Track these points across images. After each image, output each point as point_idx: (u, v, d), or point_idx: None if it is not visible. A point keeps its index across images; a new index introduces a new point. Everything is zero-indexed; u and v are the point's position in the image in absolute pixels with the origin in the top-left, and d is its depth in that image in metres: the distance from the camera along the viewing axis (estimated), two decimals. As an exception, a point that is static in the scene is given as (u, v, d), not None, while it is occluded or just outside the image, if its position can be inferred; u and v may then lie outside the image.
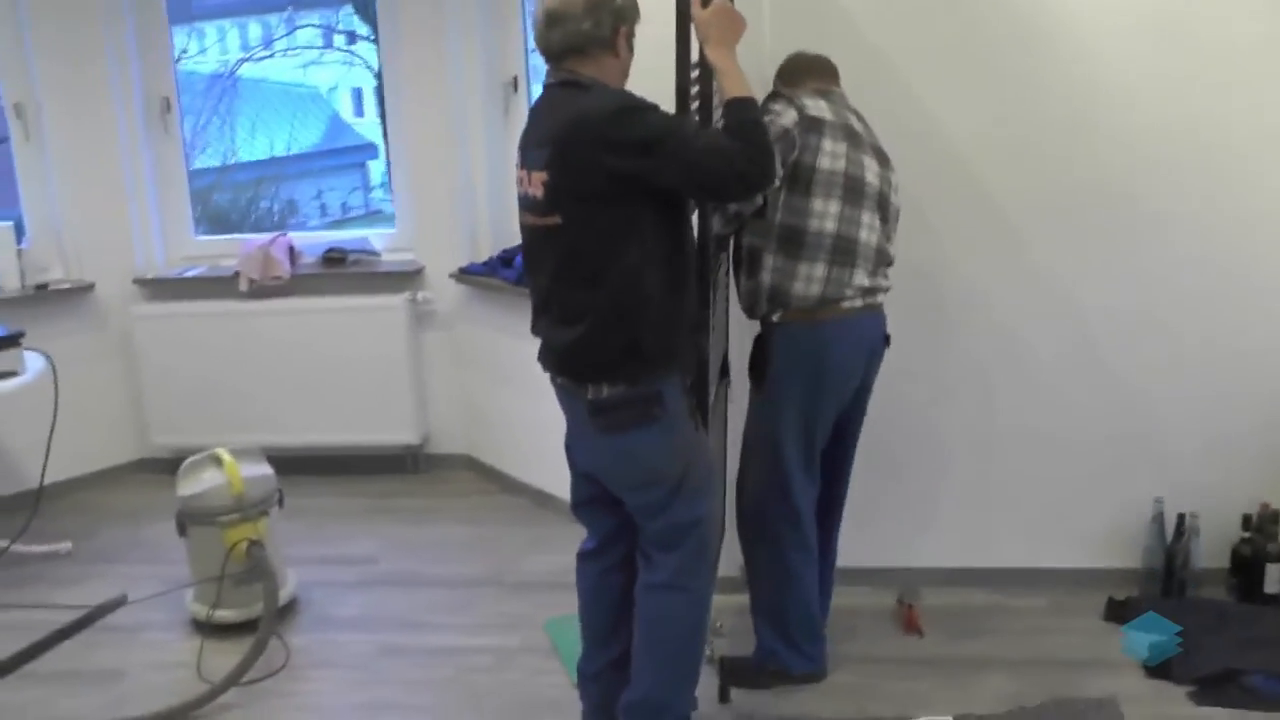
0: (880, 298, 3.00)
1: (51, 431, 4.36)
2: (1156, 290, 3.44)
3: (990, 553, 3.69)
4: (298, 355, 4.85)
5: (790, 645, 3.17)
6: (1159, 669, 3.16)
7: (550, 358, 2.62)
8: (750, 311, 3.02)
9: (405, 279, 4.83)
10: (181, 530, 3.70)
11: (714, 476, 2.71)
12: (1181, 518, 3.49)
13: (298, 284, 4.86)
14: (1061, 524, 3.64)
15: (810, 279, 2.87)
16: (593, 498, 2.78)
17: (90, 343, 4.94)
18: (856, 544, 3.65)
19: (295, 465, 4.98)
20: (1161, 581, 3.52)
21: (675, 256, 2.53)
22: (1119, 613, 3.46)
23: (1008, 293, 3.48)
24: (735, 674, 3.21)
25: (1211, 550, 3.51)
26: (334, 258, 4.87)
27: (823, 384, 2.96)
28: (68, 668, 3.59)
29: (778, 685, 3.19)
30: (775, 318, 2.94)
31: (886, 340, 3.09)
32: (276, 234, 4.97)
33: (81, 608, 3.86)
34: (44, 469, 4.42)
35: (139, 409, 5.07)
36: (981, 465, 3.63)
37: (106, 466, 5.03)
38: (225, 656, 3.43)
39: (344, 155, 6.76)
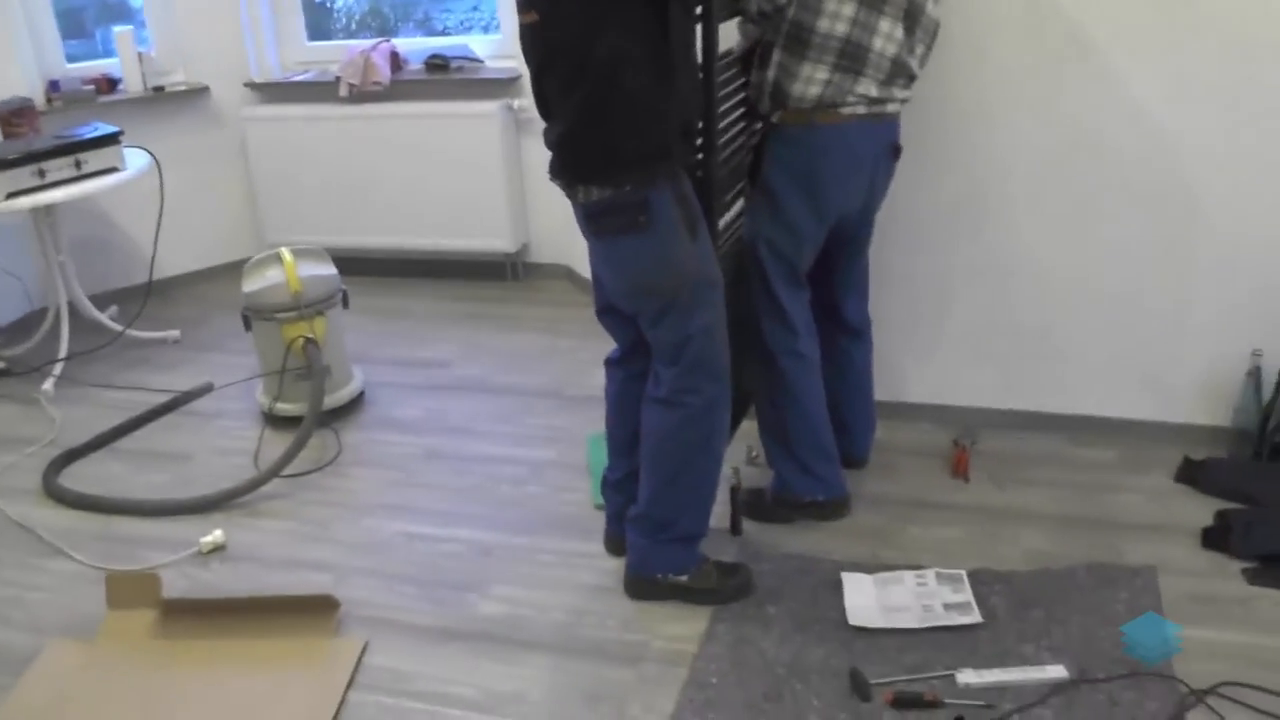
0: (892, 108, 2.72)
1: (158, 226, 4.57)
2: (1260, 115, 2.95)
3: (1061, 397, 3.37)
4: (399, 160, 4.87)
5: (799, 467, 3.01)
6: (1216, 539, 2.84)
7: (550, 161, 2.52)
8: (754, 108, 2.82)
9: (505, 86, 4.71)
10: (247, 325, 3.81)
11: (713, 290, 2.55)
12: (1282, 375, 3.08)
13: (398, 90, 4.83)
14: (1143, 371, 3.28)
15: (811, 80, 2.63)
16: (610, 305, 2.71)
17: (206, 144, 5.11)
18: (914, 378, 3.46)
19: (396, 268, 5.12)
20: (1254, 444, 3.14)
21: (660, 53, 2.35)
22: (1193, 474, 3.12)
23: (1096, 119, 3.05)
24: (749, 506, 3.09)
25: (1313, 414, 3.09)
26: (436, 64, 4.79)
27: (814, 190, 2.74)
28: (147, 447, 3.81)
29: (794, 519, 3.05)
30: (775, 117, 2.75)
31: (896, 152, 2.83)
32: (379, 40, 4.92)
33: (173, 392, 4.11)
34: (153, 260, 4.65)
35: (252, 208, 5.24)
36: (1055, 300, 3.28)
37: (222, 262, 5.23)
38: (281, 447, 3.55)
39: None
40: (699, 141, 2.58)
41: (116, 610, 2.89)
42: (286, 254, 3.78)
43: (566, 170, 2.47)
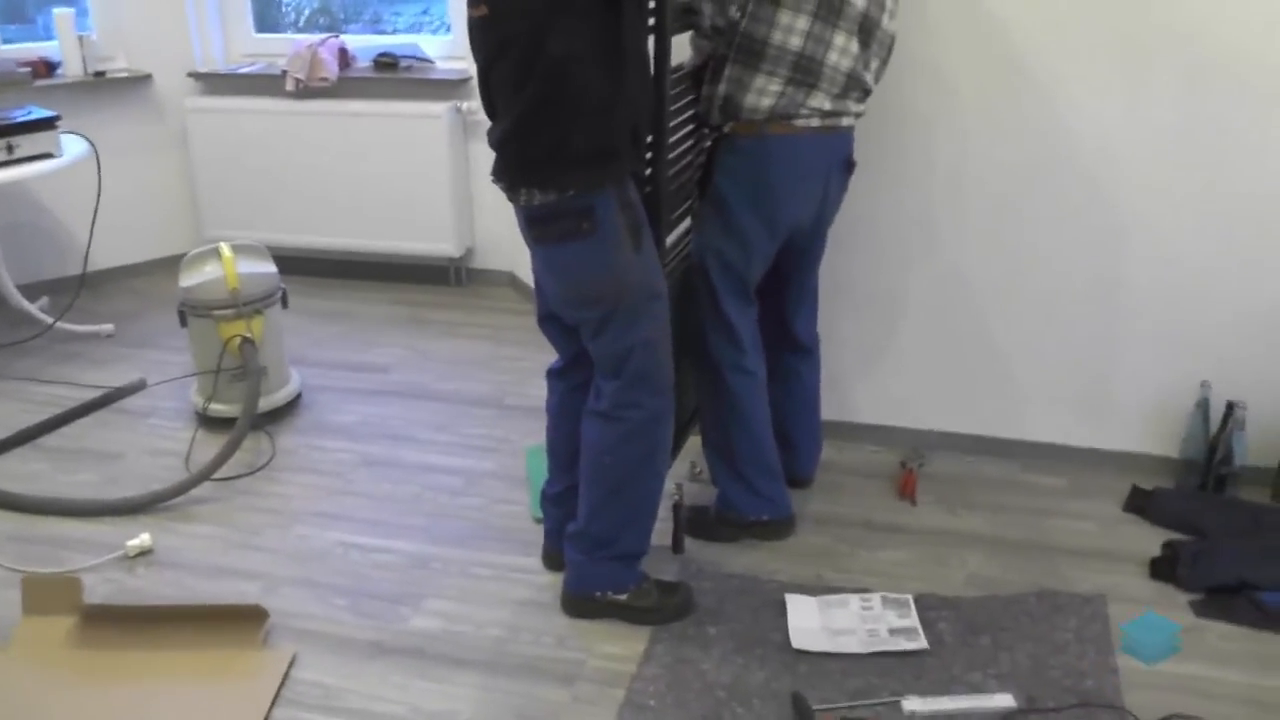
0: (846, 121, 2.68)
1: (95, 216, 4.43)
2: (1212, 148, 2.95)
3: (1012, 423, 3.35)
4: (344, 159, 4.78)
5: (744, 486, 2.96)
6: (1164, 569, 2.81)
7: (494, 162, 2.44)
8: (704, 120, 2.77)
9: (454, 87, 4.64)
10: (182, 321, 3.69)
11: (657, 302, 2.49)
12: (1230, 406, 3.06)
13: (346, 87, 4.75)
14: (1093, 400, 3.26)
15: (763, 92, 2.59)
16: (551, 313, 2.64)
17: (146, 133, 4.98)
18: (863, 397, 3.42)
19: (339, 269, 5.03)
20: (1200, 474, 3.13)
21: (611, 53, 2.28)
22: (1142, 503, 3.10)
23: (1049, 143, 3.03)
24: (692, 523, 3.02)
25: (1259, 447, 3.09)
26: (385, 62, 4.71)
27: (765, 201, 2.70)
28: (76, 445, 3.68)
29: (738, 538, 2.99)
30: (726, 128, 2.70)
31: (850, 166, 2.80)
32: (328, 35, 4.83)
33: (105, 388, 3.98)
34: (87, 251, 4.51)
35: (192, 201, 5.11)
36: (1008, 324, 3.25)
37: (159, 256, 5.08)
38: (214, 449, 3.43)
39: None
40: (648, 148, 2.52)
41: (32, 616, 2.76)
42: (226, 249, 3.66)
43: (509, 171, 2.39)
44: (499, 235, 4.80)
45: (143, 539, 3.05)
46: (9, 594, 2.83)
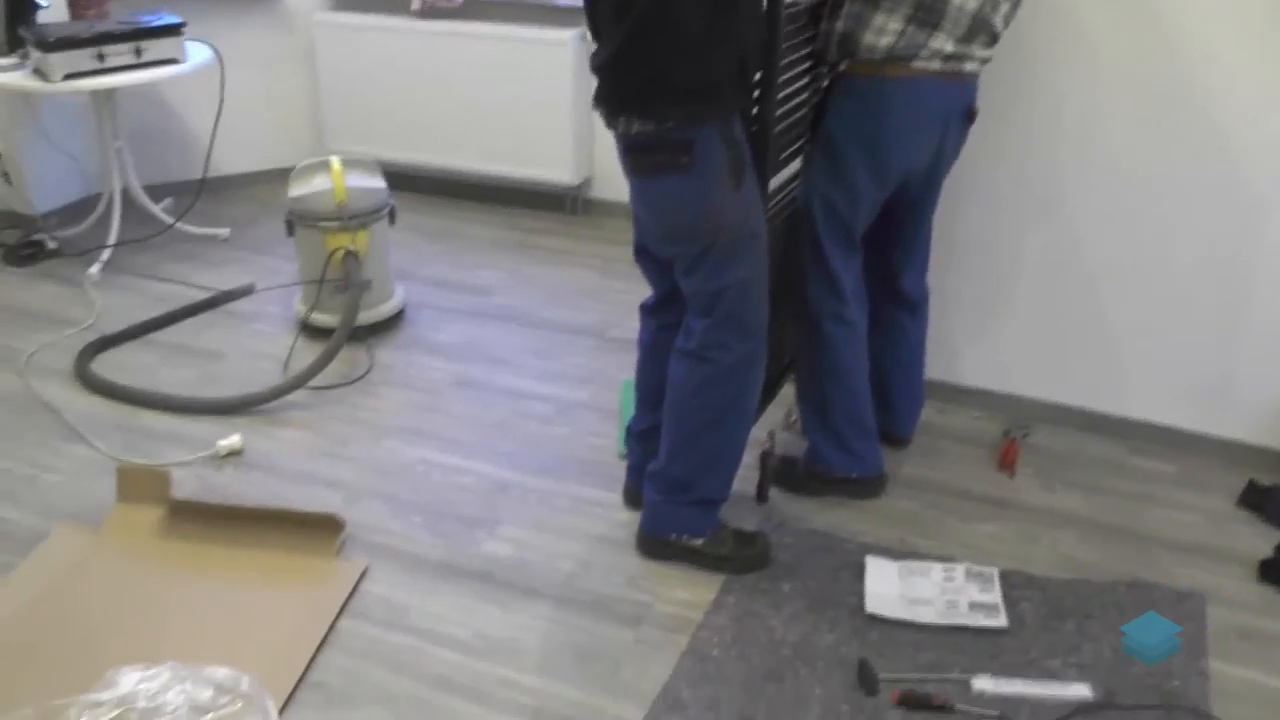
0: (970, 67, 2.53)
1: (216, 122, 4.49)
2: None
3: (1123, 400, 3.17)
4: (466, 81, 4.73)
5: (835, 440, 2.87)
6: (1274, 573, 2.64)
7: (596, 88, 2.39)
8: (821, 57, 2.64)
9: (580, 14, 4.49)
10: (289, 230, 3.71)
11: (754, 243, 2.40)
12: (1367, 404, 2.86)
13: (472, 9, 4.68)
14: (1215, 385, 3.06)
15: (882, 30, 2.45)
16: (645, 246, 2.60)
17: (274, 45, 5.00)
18: (970, 359, 3.29)
19: (454, 189, 5.02)
20: (1328, 474, 2.94)
21: None
22: (1258, 500, 2.90)
23: (1191, 111, 2.81)
24: (779, 474, 2.95)
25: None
26: (515, -18, 4.63)
27: (877, 147, 2.58)
28: (181, 341, 3.76)
29: (825, 494, 2.91)
30: (842, 66, 2.57)
31: (971, 115, 2.65)
32: (457, -44, 4.77)
33: (215, 290, 4.06)
34: (208, 156, 4.58)
35: (315, 114, 5.14)
36: (1128, 297, 3.06)
37: (280, 166, 5.09)
38: (312, 357, 3.46)
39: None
40: (757, 85, 2.42)
41: (124, 503, 2.84)
42: (335, 162, 3.67)
43: (609, 98, 2.33)
44: (619, 166, 4.70)
45: (233, 439, 3.10)
46: (108, 479, 2.90)
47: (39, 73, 3.95)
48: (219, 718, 2.07)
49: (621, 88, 2.29)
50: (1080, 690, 2.26)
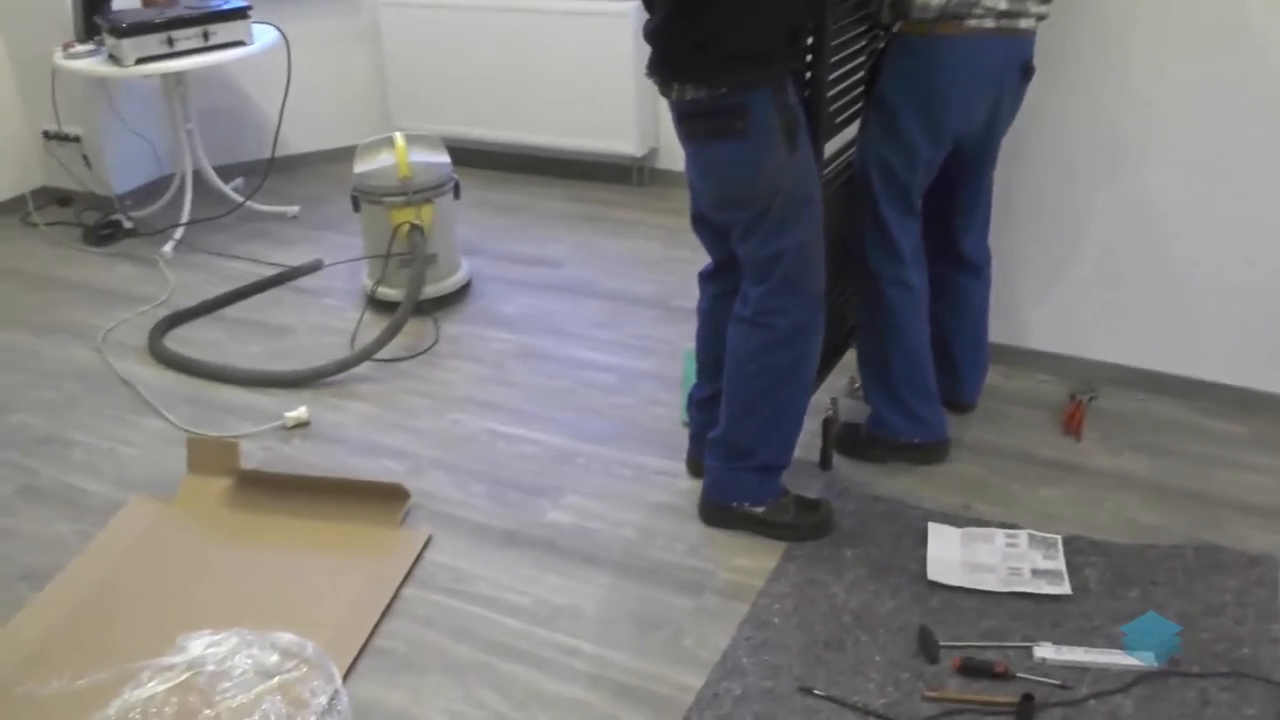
0: (1025, 23, 2.48)
1: (284, 102, 4.56)
2: None
3: (1193, 361, 3.09)
4: (530, 55, 4.74)
5: (896, 404, 2.84)
6: (1350, 534, 2.59)
7: (649, 56, 2.39)
8: (875, 20, 2.61)
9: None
10: (355, 206, 3.76)
11: (809, 207, 2.39)
12: None
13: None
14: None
15: None
16: (702, 214, 2.59)
17: (340, 25, 5.07)
18: (1035, 322, 3.24)
19: (519, 164, 5.05)
20: None
21: None
22: (1335, 461, 2.85)
23: (1257, 59, 2.72)
24: (842, 440, 2.93)
25: None
26: (574, -42, 4.62)
27: (932, 106, 2.54)
28: (250, 317, 3.84)
29: (888, 460, 2.89)
30: (895, 27, 2.54)
31: (1028, 72, 2.60)
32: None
33: (284, 266, 4.13)
34: (276, 135, 4.66)
35: (382, 92, 5.19)
36: (1196, 255, 2.98)
37: (347, 144, 5.14)
38: (379, 331, 3.50)
39: None
40: (809, 49, 2.40)
41: (195, 474, 2.91)
42: (399, 138, 3.71)
43: (662, 66, 2.32)
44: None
45: (301, 411, 3.16)
46: (180, 451, 2.98)
47: (113, 58, 4.06)
48: (284, 682, 2.14)
49: (673, 55, 2.29)
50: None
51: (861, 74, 2.66)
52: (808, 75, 2.43)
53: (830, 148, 2.62)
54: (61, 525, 2.80)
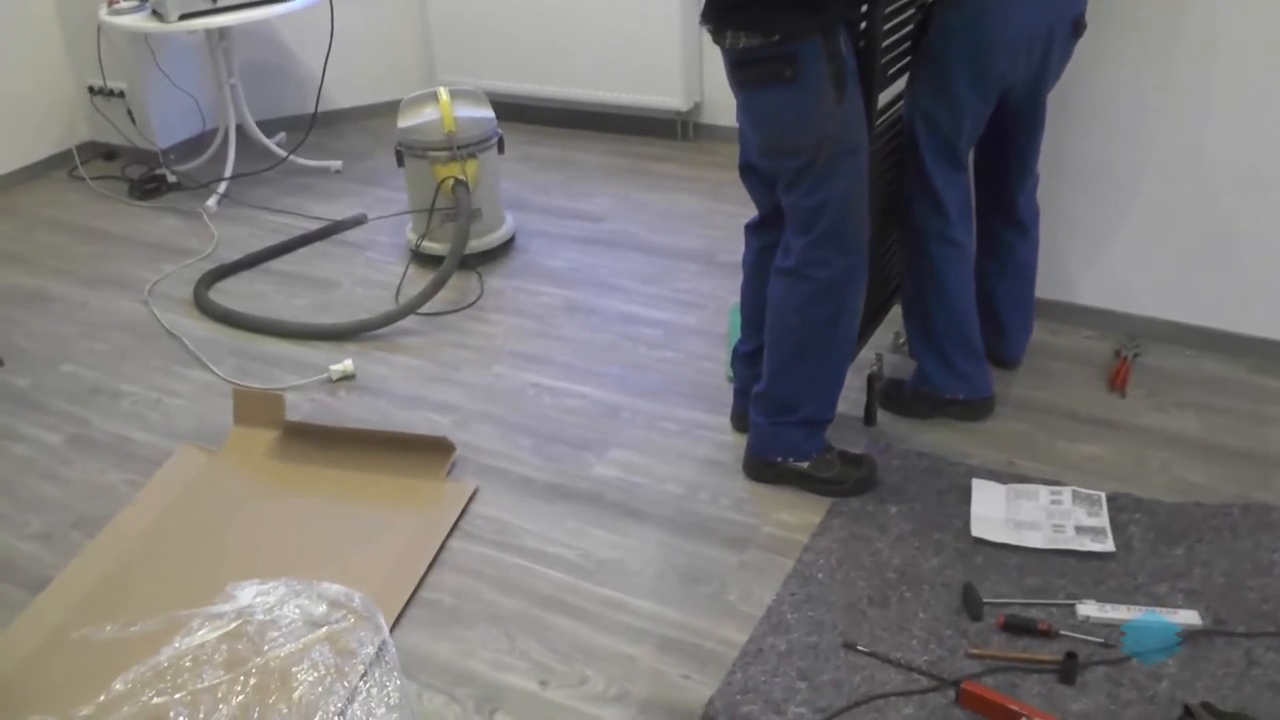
0: (1075, -25, 2.42)
1: (327, 56, 4.56)
2: None
3: (1244, 317, 3.05)
4: (574, 8, 4.70)
5: (942, 361, 2.83)
6: (1401, 494, 2.55)
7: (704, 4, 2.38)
8: None
9: (687, -64, 4.48)
10: (400, 161, 3.77)
11: (856, 157, 2.38)
12: None
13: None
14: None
15: None
16: (750, 163, 2.58)
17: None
18: (1082, 277, 3.21)
19: (564, 118, 5.03)
20: None
21: None
22: (1388, 420, 2.81)
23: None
24: (886, 395, 2.93)
25: None
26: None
27: (979, 59, 2.50)
28: (297, 270, 3.87)
29: (932, 416, 2.88)
30: None
31: (1079, 27, 2.55)
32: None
33: (328, 220, 4.15)
34: (319, 90, 4.66)
35: (426, 46, 5.17)
36: (1248, 210, 2.93)
37: (391, 99, 5.13)
38: (424, 285, 3.52)
39: None
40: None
41: (240, 426, 2.95)
42: (443, 93, 3.70)
43: (716, 13, 2.30)
44: (728, 90, 4.66)
45: (346, 364, 3.19)
46: (226, 403, 3.03)
47: (156, 14, 4.06)
48: (332, 632, 2.17)
49: (727, 2, 2.28)
50: (1189, 617, 2.21)
51: (912, 27, 2.63)
52: (862, 25, 2.40)
53: (882, 100, 2.59)
54: (112, 474, 2.86)
